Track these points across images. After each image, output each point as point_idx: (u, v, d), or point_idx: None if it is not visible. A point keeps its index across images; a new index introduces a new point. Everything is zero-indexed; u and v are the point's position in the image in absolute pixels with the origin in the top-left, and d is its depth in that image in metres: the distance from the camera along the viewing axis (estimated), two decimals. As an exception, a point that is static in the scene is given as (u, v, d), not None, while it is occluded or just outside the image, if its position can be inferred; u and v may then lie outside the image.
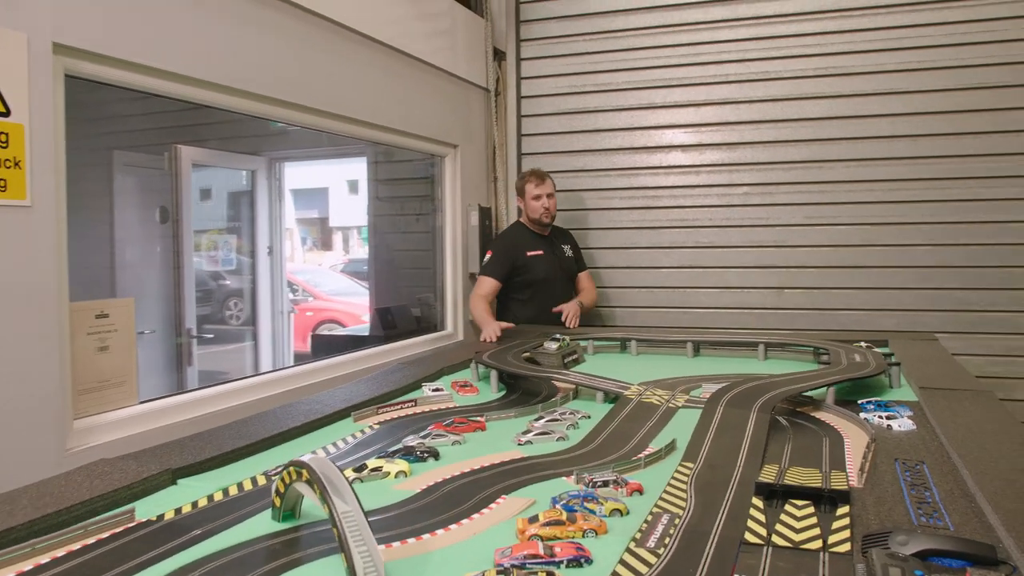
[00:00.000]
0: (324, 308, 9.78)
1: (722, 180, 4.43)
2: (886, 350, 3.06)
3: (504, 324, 3.76)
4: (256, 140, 5.23)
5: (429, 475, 1.69)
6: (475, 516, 1.44)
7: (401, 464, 1.72)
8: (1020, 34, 3.97)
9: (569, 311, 4.06)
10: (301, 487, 1.31)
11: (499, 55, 4.82)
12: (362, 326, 8.22)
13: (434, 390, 2.53)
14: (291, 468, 1.31)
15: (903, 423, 2.06)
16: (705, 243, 4.47)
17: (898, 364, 2.63)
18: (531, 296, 4.23)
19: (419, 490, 1.59)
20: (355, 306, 9.50)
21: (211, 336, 5.04)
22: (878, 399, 2.31)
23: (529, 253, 4.23)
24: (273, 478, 1.64)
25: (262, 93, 2.95)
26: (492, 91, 4.80)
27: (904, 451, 1.84)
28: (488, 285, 4.15)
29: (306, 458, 1.29)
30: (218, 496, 1.54)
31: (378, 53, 3.70)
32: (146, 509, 1.47)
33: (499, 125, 4.83)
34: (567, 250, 4.39)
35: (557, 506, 1.44)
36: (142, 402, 2.48)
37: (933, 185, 4.10)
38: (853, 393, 2.42)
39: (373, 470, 1.68)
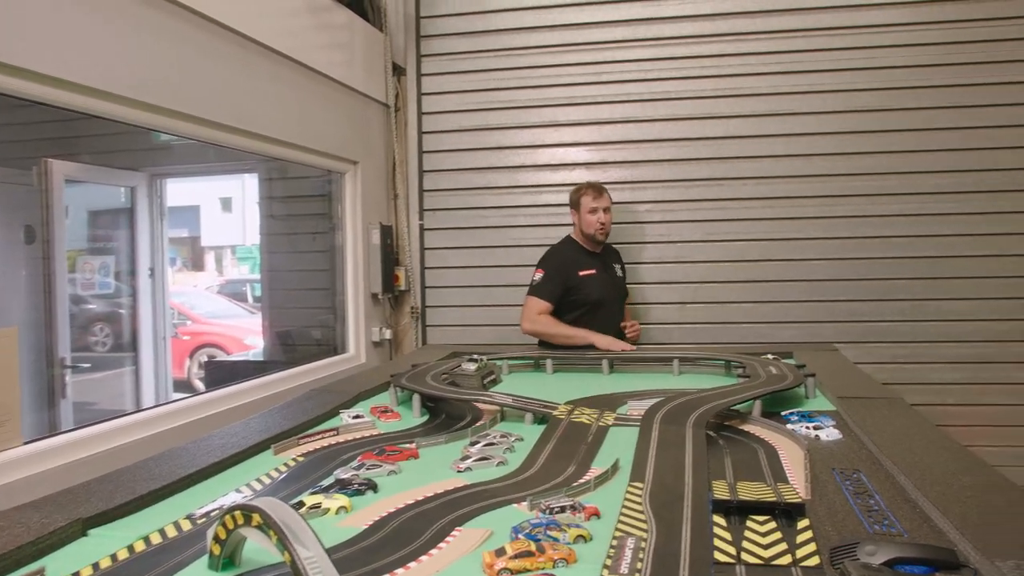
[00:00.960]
0: (202, 332, 9.29)
1: (625, 198, 4.49)
2: (793, 361, 3.16)
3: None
4: (136, 154, 4.91)
5: (372, 509, 1.58)
6: (433, 552, 1.35)
7: (340, 499, 1.60)
8: (900, 61, 4.24)
9: (636, 330, 3.99)
10: (250, 532, 1.18)
11: (399, 70, 4.73)
12: (249, 351, 7.87)
13: (354, 417, 2.41)
14: (236, 512, 1.19)
15: (830, 433, 2.10)
16: (609, 260, 4.52)
17: (813, 375, 2.71)
18: (583, 319, 3.84)
19: (366, 526, 1.48)
20: (237, 329, 9.09)
21: (87, 365, 4.67)
22: (800, 410, 2.36)
23: (582, 272, 3.89)
24: (200, 522, 1.50)
25: (144, 100, 2.70)
26: (392, 106, 4.69)
27: (838, 460, 1.88)
28: (539, 307, 3.84)
29: (260, 502, 1.16)
30: (139, 546, 1.38)
31: (274, 63, 3.54)
32: (58, 567, 1.30)
33: (399, 141, 4.73)
34: (618, 270, 4.09)
35: (520, 536, 1.37)
36: (28, 442, 2.23)
37: (826, 202, 4.30)
38: (772, 405, 2.46)
39: (312, 507, 1.56)
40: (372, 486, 1.72)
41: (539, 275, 3.88)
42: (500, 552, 1.27)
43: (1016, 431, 4.23)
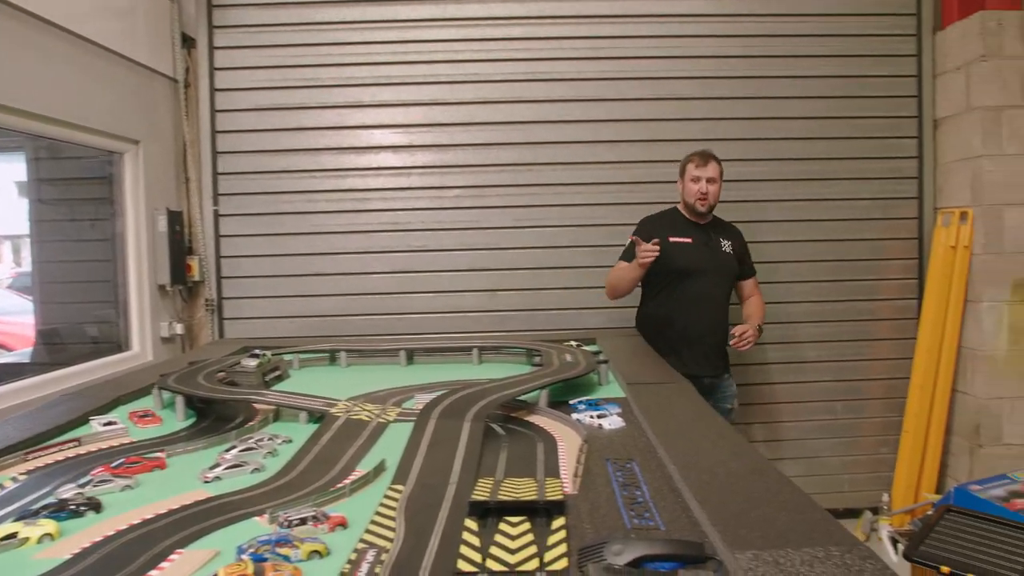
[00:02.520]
0: (-16, 331, 8.32)
1: (434, 182, 4.36)
2: (595, 348, 3.16)
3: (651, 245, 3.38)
4: None
5: (87, 534, 1.38)
6: (139, 583, 1.17)
7: (46, 525, 1.38)
8: (704, 52, 4.38)
9: (744, 333, 3.51)
10: None
11: (189, 42, 4.35)
12: (27, 350, 7.11)
13: (105, 424, 2.14)
14: None
15: (613, 421, 2.08)
16: (418, 247, 4.38)
17: (606, 361, 2.70)
18: (669, 289, 3.62)
19: (70, 555, 1.27)
20: (25, 326, 8.22)
21: None
22: (589, 398, 2.33)
23: (674, 239, 3.60)
24: None
25: None
26: (181, 82, 4.32)
27: (615, 450, 1.85)
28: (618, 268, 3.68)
29: None
30: None
31: (38, 32, 3.13)
32: None
33: (190, 120, 4.36)
34: (727, 246, 3.73)
35: (244, 557, 1.22)
36: None
37: (633, 188, 4.36)
38: (566, 393, 2.43)
39: (4, 539, 1.32)
40: (94, 506, 1.50)
41: (629, 240, 3.62)
42: (212, 579, 1.12)
43: (822, 406, 4.52)
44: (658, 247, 3.38)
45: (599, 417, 2.10)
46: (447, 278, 4.40)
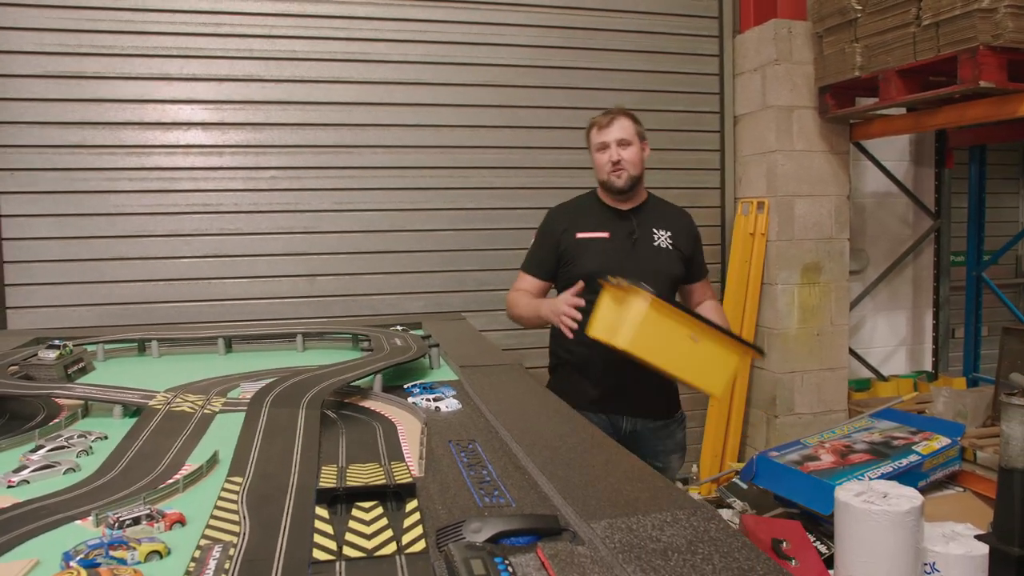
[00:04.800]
0: None
1: (248, 163, 4.15)
2: (422, 332, 3.17)
3: (573, 293, 2.58)
4: None
5: None
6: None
7: None
8: (524, 40, 4.48)
9: None
10: None
11: (-41, -4, 3.86)
12: None
13: None
14: None
15: (450, 403, 2.10)
16: (231, 230, 4.16)
17: (437, 345, 2.71)
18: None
19: None
20: None
21: None
22: (423, 382, 2.34)
23: (581, 234, 2.78)
24: None
25: None
26: (-50, 41, 3.83)
27: (455, 432, 1.87)
28: (517, 284, 2.90)
29: None
30: None
31: None
32: None
33: (-38, 84, 3.88)
34: (663, 238, 2.80)
35: (72, 563, 1.12)
36: None
37: (454, 173, 4.39)
38: (398, 378, 2.43)
39: None
40: None
41: (532, 242, 2.97)
42: (38, 591, 1.02)
43: None
44: (578, 308, 2.56)
45: (435, 400, 2.11)
46: (263, 262, 4.22)
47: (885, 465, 3.31)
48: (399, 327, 3.24)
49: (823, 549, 3.07)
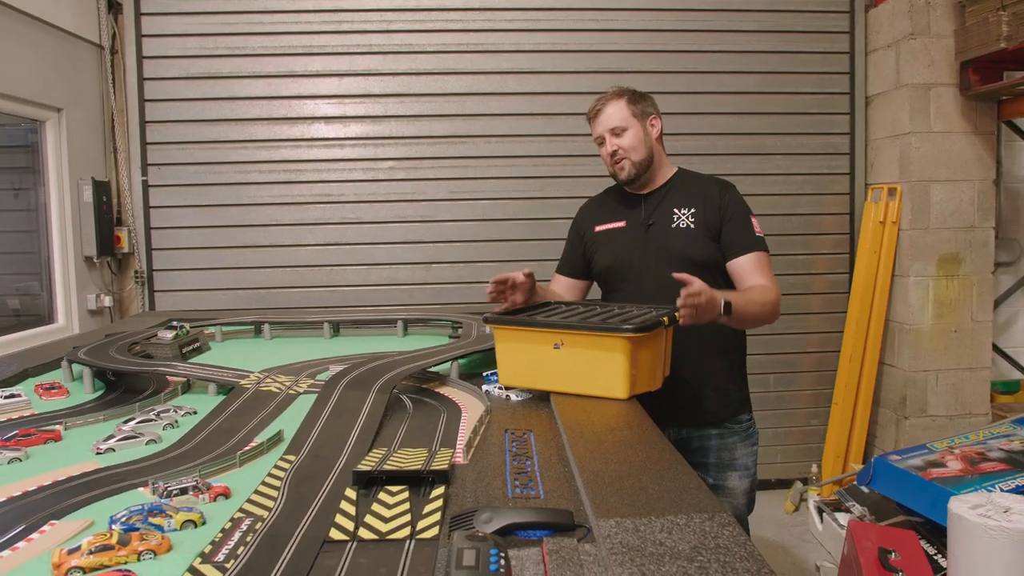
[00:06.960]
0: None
1: (367, 154, 4.33)
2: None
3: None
4: None
5: (-39, 507, 1.36)
6: (5, 553, 1.16)
7: (-80, 497, 1.36)
8: (639, 25, 4.40)
9: (691, 292, 1.99)
10: None
11: (115, 7, 4.24)
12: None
13: (8, 397, 2.11)
14: None
15: (521, 392, 2.10)
16: (352, 219, 4.35)
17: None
18: (610, 297, 2.57)
19: (-64, 528, 1.26)
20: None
21: None
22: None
23: (600, 227, 2.58)
24: None
25: None
26: (107, 49, 4.21)
27: (517, 421, 1.87)
28: (554, 284, 2.70)
29: None
30: None
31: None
32: None
33: (117, 88, 4.26)
34: (684, 217, 2.46)
35: (114, 527, 1.21)
36: None
37: (568, 162, 4.37)
38: (482, 365, 2.45)
39: None
40: (-24, 478, 1.48)
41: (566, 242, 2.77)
42: (75, 549, 1.11)
43: (755, 379, 4.51)
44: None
45: (507, 388, 2.12)
46: (381, 250, 4.38)
47: (1021, 477, 3.00)
48: (498, 315, 3.27)
49: (942, 563, 2.83)
